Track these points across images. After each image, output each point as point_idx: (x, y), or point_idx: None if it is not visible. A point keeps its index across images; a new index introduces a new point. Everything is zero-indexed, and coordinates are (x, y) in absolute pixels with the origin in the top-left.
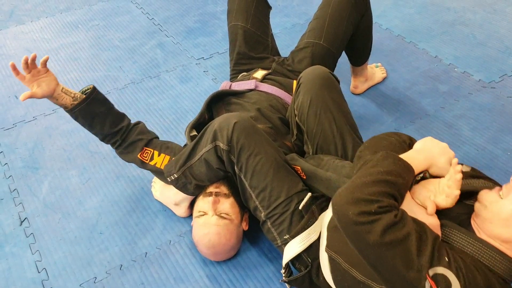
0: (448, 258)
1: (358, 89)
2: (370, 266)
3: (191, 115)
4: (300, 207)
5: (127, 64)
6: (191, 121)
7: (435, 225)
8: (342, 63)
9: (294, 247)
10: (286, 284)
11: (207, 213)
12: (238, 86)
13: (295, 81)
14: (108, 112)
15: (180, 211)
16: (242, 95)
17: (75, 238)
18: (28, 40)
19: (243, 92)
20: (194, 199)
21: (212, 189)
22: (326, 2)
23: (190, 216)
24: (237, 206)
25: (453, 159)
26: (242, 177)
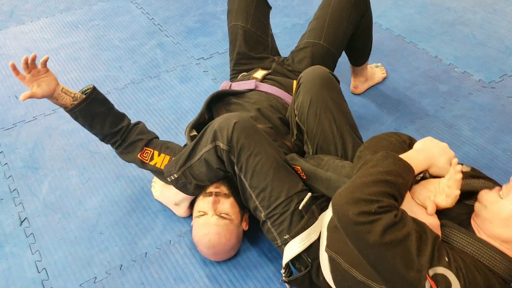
0: (448, 258)
1: (358, 89)
2: (370, 266)
3: (191, 115)
4: (300, 207)
5: (127, 64)
6: (191, 121)
7: (435, 225)
8: (342, 63)
9: (294, 247)
10: (286, 284)
11: (207, 213)
12: (238, 86)
13: (295, 81)
14: (108, 112)
15: (180, 211)
16: (242, 95)
17: (75, 238)
18: (28, 40)
19: (243, 92)
20: (194, 199)
21: (212, 189)
22: (326, 2)
23: (190, 216)
24: (237, 206)
25: (453, 159)
26: (242, 177)
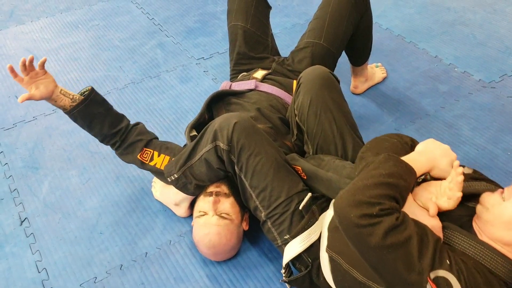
0: (450, 261)
1: (358, 89)
2: (371, 268)
3: (191, 115)
4: (300, 207)
5: (127, 64)
6: (191, 121)
7: (437, 227)
8: (342, 63)
9: (295, 247)
10: (286, 284)
11: (208, 213)
12: (238, 86)
13: (295, 81)
14: (107, 113)
15: (180, 211)
16: (242, 95)
17: (75, 238)
18: (28, 40)
19: (243, 92)
20: (194, 199)
21: (213, 189)
22: (326, 2)
23: (190, 216)
24: (238, 206)
25: (455, 162)
26: (243, 177)
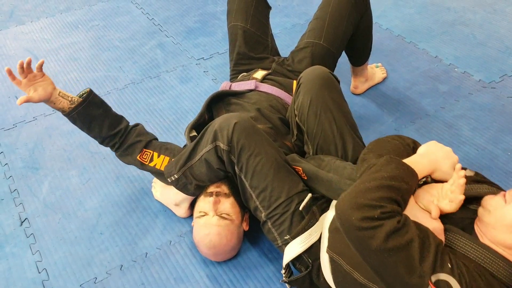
0: (451, 265)
1: (358, 89)
2: (373, 270)
3: (191, 116)
4: (301, 208)
5: (127, 64)
6: (191, 122)
7: (439, 230)
8: (342, 63)
9: (295, 248)
10: (287, 285)
11: (208, 214)
12: (238, 87)
13: (295, 81)
14: (106, 115)
15: (181, 212)
16: (242, 96)
17: (76, 239)
18: (28, 41)
19: (243, 93)
20: (195, 200)
21: (213, 189)
22: (326, 2)
23: (191, 217)
24: (238, 206)
25: (457, 164)
26: (243, 177)
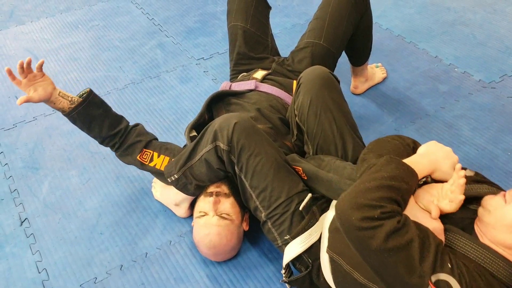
0: (451, 265)
1: (358, 89)
2: (373, 270)
3: (191, 116)
4: (301, 208)
5: (127, 64)
6: (191, 122)
7: (439, 230)
8: (342, 63)
9: (295, 248)
10: (287, 285)
11: (208, 214)
12: (238, 87)
13: (295, 81)
14: (106, 115)
15: (181, 212)
16: (242, 96)
17: (76, 239)
18: (28, 41)
19: (243, 93)
20: (195, 200)
21: (213, 189)
22: (326, 2)
23: (191, 217)
24: (238, 206)
25: (457, 164)
26: (243, 177)
